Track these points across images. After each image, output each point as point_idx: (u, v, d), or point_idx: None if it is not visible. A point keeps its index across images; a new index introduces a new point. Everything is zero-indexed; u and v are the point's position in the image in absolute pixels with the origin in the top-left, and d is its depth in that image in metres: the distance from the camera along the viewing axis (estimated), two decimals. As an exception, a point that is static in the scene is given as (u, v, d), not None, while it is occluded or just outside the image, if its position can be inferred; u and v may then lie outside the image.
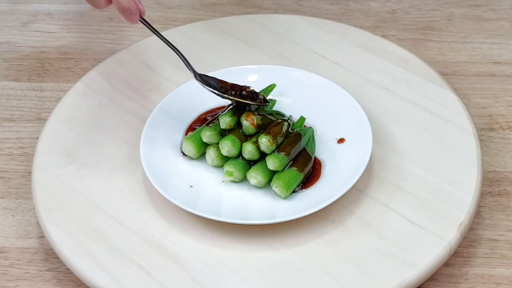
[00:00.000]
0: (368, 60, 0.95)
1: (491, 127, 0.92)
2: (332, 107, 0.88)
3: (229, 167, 0.81)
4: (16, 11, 1.11)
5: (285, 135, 0.83)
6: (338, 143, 0.85)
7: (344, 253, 0.75)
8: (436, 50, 1.02)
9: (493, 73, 0.99)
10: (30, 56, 1.04)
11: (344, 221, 0.78)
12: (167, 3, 1.11)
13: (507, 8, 1.08)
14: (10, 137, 0.93)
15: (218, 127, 0.83)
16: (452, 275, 0.78)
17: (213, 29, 1.00)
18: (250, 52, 0.97)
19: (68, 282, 0.79)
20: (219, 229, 0.78)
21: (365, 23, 1.06)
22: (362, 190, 0.81)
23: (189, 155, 0.84)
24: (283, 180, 0.79)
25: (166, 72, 0.94)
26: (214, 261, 0.75)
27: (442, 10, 1.08)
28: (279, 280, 0.74)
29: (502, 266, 0.79)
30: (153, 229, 0.78)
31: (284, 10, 1.09)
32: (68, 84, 0.99)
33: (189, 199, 0.79)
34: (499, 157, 0.89)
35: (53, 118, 0.90)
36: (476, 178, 0.81)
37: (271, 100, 0.89)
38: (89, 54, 1.03)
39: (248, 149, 0.81)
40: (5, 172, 0.89)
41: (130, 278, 0.74)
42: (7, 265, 0.80)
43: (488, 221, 0.83)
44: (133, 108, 0.90)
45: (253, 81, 0.91)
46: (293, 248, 0.76)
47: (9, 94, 0.98)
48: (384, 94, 0.91)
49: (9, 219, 0.84)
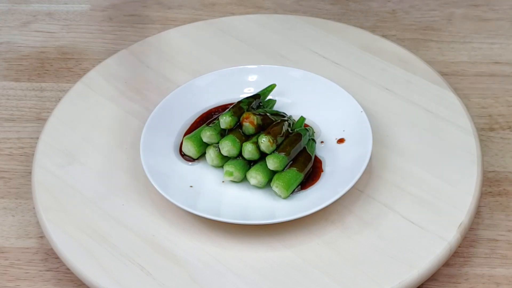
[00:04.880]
0: (368, 60, 0.95)
1: (491, 127, 0.92)
2: (332, 107, 0.88)
3: (229, 167, 0.81)
4: (16, 11, 1.11)
5: (285, 135, 0.83)
6: (338, 143, 0.85)
7: (344, 253, 0.75)
8: (436, 50, 1.02)
9: (493, 73, 0.99)
10: (30, 56, 1.04)
11: (344, 221, 0.78)
12: (167, 3, 1.11)
13: (507, 8, 1.08)
14: (10, 137, 0.93)
15: (218, 127, 0.83)
16: (452, 275, 0.78)
17: (213, 29, 1.00)
18: (250, 52, 0.97)
19: (68, 282, 0.79)
20: (219, 229, 0.78)
21: (365, 23, 1.06)
22: (362, 190, 0.81)
23: (189, 155, 0.84)
24: (283, 180, 0.79)
25: (166, 72, 0.94)
26: (214, 261, 0.75)
27: (442, 10, 1.08)
28: (279, 280, 0.74)
29: (502, 266, 0.79)
30: (153, 229, 0.78)
31: (284, 10, 1.09)
32: (68, 84, 0.99)
33: (189, 199, 0.79)
34: (499, 157, 0.89)
35: (53, 118, 0.90)
36: (476, 178, 0.81)
37: (271, 100, 0.89)
38: (89, 54, 1.03)
39: (248, 149, 0.81)
40: (5, 172, 0.89)
41: (130, 278, 0.74)
42: (7, 265, 0.80)
43: (488, 221, 0.83)
44: (133, 108, 0.90)
45: (253, 81, 0.91)
46: (293, 248, 0.76)
47: (9, 94, 0.98)
48: (384, 94, 0.91)
49: (9, 219, 0.84)
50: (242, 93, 0.91)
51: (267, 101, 0.89)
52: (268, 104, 0.89)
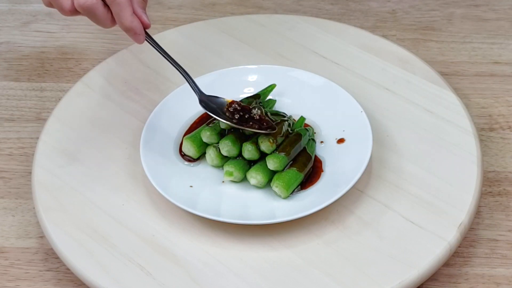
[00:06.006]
0: (368, 60, 0.95)
1: (491, 127, 0.92)
2: (332, 107, 0.88)
3: (229, 167, 0.81)
4: (16, 11, 1.11)
5: (285, 135, 0.83)
6: (338, 143, 0.85)
7: (344, 253, 0.75)
8: (436, 50, 1.02)
9: (493, 73, 0.99)
10: (30, 56, 1.04)
11: (344, 221, 0.78)
12: (167, 3, 1.11)
13: (507, 8, 1.08)
14: (10, 137, 0.93)
15: (218, 127, 0.83)
16: (452, 275, 0.78)
17: (213, 29, 1.00)
18: (250, 52, 0.97)
19: (68, 282, 0.79)
20: (219, 229, 0.78)
21: (365, 23, 1.06)
22: (362, 190, 0.81)
23: (189, 155, 0.84)
24: (283, 180, 0.79)
25: (166, 72, 0.94)
26: (214, 261, 0.75)
27: (442, 10, 1.08)
28: (279, 280, 0.74)
29: (502, 266, 0.79)
30: (153, 229, 0.78)
31: (284, 10, 1.09)
32: (68, 84, 0.99)
33: (189, 199, 0.79)
34: (499, 157, 0.89)
35: (53, 118, 0.90)
36: (476, 178, 0.81)
37: (271, 100, 0.89)
38: (89, 54, 1.03)
39: (248, 149, 0.81)
40: (5, 172, 0.89)
41: (130, 278, 0.74)
42: (7, 265, 0.80)
43: (488, 221, 0.83)
44: (133, 108, 0.90)
45: (253, 81, 0.91)
46: (293, 248, 0.76)
47: (9, 94, 0.98)
48: (384, 94, 0.91)
49: (9, 219, 0.84)
50: (242, 93, 0.91)
51: (267, 101, 0.89)
52: (268, 104, 0.89)
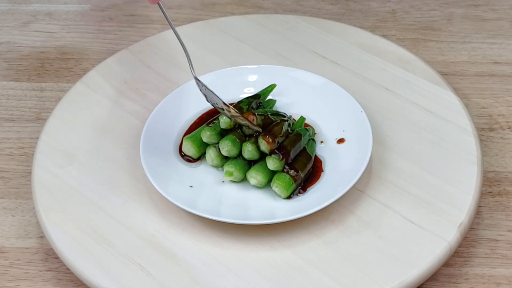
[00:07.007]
0: (368, 60, 0.95)
1: (491, 127, 0.92)
2: (332, 107, 0.88)
3: (229, 167, 0.81)
4: (16, 11, 1.11)
5: (285, 135, 0.83)
6: (338, 143, 0.85)
7: (344, 253, 0.75)
8: (436, 50, 1.02)
9: (493, 73, 0.99)
10: (30, 56, 1.04)
11: (344, 221, 0.78)
12: (167, 3, 1.10)
13: (507, 8, 1.08)
14: (10, 137, 0.93)
15: (218, 127, 0.83)
16: (452, 275, 0.78)
17: (213, 29, 1.00)
18: (250, 52, 0.97)
19: (68, 282, 0.79)
20: (219, 229, 0.78)
21: (365, 23, 1.06)
22: (362, 190, 0.81)
23: (189, 155, 0.84)
24: (283, 180, 0.79)
25: (166, 72, 0.94)
26: (214, 261, 0.75)
27: (442, 10, 1.08)
28: (279, 280, 0.74)
29: (502, 266, 0.79)
30: (153, 229, 0.78)
31: (284, 10, 1.09)
32: (68, 84, 0.99)
33: (189, 199, 0.79)
34: (499, 157, 0.89)
35: (53, 118, 0.90)
36: (476, 178, 0.81)
37: (271, 100, 0.89)
38: (89, 54, 1.03)
39: (248, 149, 0.81)
40: (5, 172, 0.89)
41: (130, 278, 0.74)
42: (7, 265, 0.80)
43: (488, 221, 0.83)
44: (133, 108, 0.90)
45: (253, 81, 0.91)
46: (293, 248, 0.76)
47: (9, 94, 0.98)
48: (384, 94, 0.91)
49: (9, 219, 0.84)
50: (242, 93, 0.91)
51: (267, 101, 0.89)
52: (268, 104, 0.89)
